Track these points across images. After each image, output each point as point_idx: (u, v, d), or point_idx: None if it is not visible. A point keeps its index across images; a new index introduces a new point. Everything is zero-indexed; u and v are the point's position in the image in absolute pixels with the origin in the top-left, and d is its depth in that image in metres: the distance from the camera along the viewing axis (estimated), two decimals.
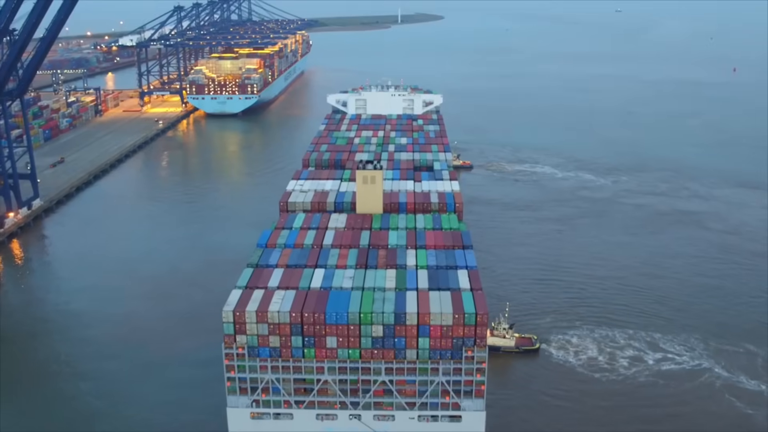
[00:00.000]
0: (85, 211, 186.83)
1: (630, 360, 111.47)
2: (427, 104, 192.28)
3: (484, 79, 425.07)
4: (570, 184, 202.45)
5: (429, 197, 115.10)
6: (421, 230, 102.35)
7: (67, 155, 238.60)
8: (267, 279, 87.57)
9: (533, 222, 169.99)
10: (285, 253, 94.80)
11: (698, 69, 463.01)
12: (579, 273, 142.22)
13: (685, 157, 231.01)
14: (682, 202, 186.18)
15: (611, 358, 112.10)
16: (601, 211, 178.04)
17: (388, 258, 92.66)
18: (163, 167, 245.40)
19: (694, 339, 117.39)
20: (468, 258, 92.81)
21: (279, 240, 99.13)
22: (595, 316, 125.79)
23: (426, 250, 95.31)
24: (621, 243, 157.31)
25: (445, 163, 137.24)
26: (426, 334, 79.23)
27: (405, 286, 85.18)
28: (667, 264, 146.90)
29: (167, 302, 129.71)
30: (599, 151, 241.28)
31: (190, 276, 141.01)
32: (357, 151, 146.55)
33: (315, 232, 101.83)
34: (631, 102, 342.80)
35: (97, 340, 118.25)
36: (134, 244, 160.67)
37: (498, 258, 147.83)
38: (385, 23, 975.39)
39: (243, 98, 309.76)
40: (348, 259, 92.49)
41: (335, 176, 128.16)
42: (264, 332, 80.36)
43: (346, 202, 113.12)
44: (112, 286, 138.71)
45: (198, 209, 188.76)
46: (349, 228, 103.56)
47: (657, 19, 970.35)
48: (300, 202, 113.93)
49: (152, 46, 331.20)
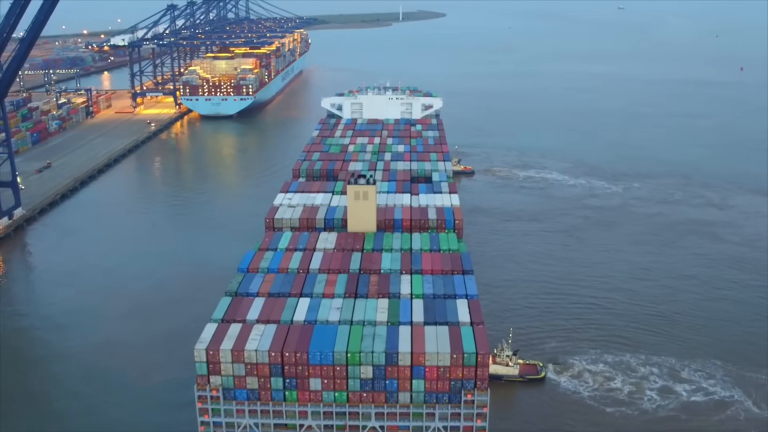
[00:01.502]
0: (68, 220, 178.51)
1: (644, 389, 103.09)
2: (427, 108, 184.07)
3: (486, 78, 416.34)
4: (577, 191, 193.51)
5: (426, 213, 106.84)
6: (417, 252, 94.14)
7: (54, 159, 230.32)
8: (246, 310, 79.37)
9: (538, 234, 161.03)
10: (267, 280, 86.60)
11: (704, 68, 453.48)
12: (587, 290, 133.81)
13: (694, 161, 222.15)
14: (695, 210, 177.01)
15: (624, 387, 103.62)
16: (609, 221, 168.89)
17: (380, 285, 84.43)
18: (153, 173, 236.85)
19: (712, 364, 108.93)
20: (468, 285, 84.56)
21: (262, 263, 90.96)
22: (605, 338, 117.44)
23: (422, 276, 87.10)
24: (631, 257, 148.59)
25: (444, 174, 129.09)
26: (421, 375, 70.92)
27: (398, 319, 76.90)
28: (679, 280, 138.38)
29: (147, 325, 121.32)
30: (605, 154, 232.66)
31: (174, 293, 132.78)
32: (351, 160, 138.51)
33: (302, 254, 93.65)
34: (636, 102, 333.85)
35: (66, 376, 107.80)
36: (117, 257, 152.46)
37: (500, 274, 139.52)
38: (387, 21, 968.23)
39: (238, 99, 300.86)
40: (336, 287, 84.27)
41: (326, 188, 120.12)
42: (241, 373, 72.19)
43: (336, 218, 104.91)
44: (90, 304, 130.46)
45: (187, 219, 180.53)
46: (339, 249, 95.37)
47: (660, 17, 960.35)
48: (287, 218, 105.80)
49: (145, 45, 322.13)
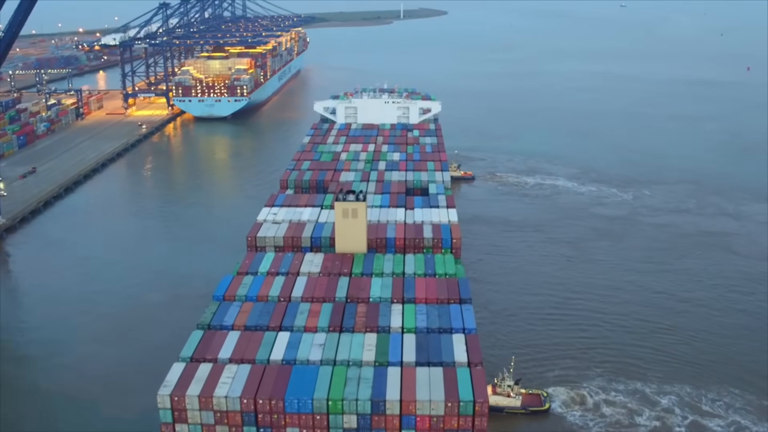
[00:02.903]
0: (50, 230, 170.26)
1: (660, 424, 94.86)
2: (425, 111, 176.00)
3: (488, 78, 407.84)
4: (583, 199, 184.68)
5: (422, 231, 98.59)
6: (411, 277, 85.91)
7: (40, 164, 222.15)
8: (218, 347, 71.23)
9: (541, 245, 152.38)
10: (245, 310, 78.38)
11: (710, 67, 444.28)
12: (593, 308, 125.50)
13: (704, 166, 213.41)
14: (707, 221, 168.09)
15: (636, 420, 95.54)
16: (617, 232, 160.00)
17: (368, 317, 76.20)
18: (141, 178, 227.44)
19: (732, 394, 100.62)
20: (466, 317, 76.30)
21: (240, 290, 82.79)
22: (614, 362, 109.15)
23: (415, 305, 78.90)
24: (639, 271, 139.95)
25: (441, 185, 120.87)
26: (411, 425, 62.86)
27: (387, 359, 68.71)
28: (692, 296, 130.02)
29: (123, 348, 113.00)
30: (611, 159, 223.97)
31: (154, 312, 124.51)
32: (343, 169, 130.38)
33: (284, 278, 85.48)
34: (641, 103, 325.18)
35: (27, 417, 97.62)
36: (98, 271, 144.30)
37: (499, 290, 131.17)
38: (387, 19, 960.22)
39: (232, 101, 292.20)
40: (320, 319, 76.07)
41: (315, 202, 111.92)
42: (210, 421, 64.16)
43: (324, 237, 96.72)
44: (66, 324, 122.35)
45: (174, 229, 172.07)
46: (325, 273, 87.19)
47: (663, 15, 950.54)
48: (271, 237, 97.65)
49: (137, 45, 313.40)
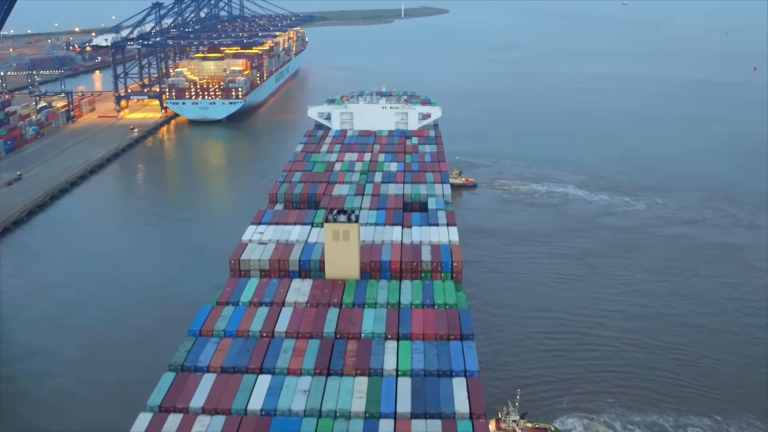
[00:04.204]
0: (32, 242, 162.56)
1: None
2: (424, 117, 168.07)
3: (490, 78, 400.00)
4: (591, 208, 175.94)
5: (420, 253, 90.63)
6: (407, 308, 78.08)
7: (27, 170, 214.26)
8: (191, 393, 63.49)
9: (547, 260, 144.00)
10: (222, 347, 70.59)
11: (715, 67, 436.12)
12: (604, 331, 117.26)
13: (715, 173, 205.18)
14: (722, 232, 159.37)
15: None
16: (628, 245, 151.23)
17: (359, 357, 68.40)
18: (129, 187, 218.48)
19: (754, 427, 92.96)
20: (468, 357, 68.45)
21: (218, 323, 74.99)
22: (627, 391, 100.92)
23: (411, 342, 71.14)
24: (654, 292, 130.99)
25: (441, 200, 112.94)
26: None
27: (379, 409, 60.89)
28: (710, 319, 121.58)
29: (99, 378, 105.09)
30: (619, 164, 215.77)
31: (134, 336, 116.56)
32: (336, 181, 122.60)
33: (268, 309, 77.71)
34: (646, 104, 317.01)
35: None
36: (79, 288, 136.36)
37: (503, 311, 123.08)
38: (388, 17, 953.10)
39: (227, 103, 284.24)
40: (305, 359, 68.23)
41: (305, 219, 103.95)
42: None
43: (314, 260, 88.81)
44: (41, 347, 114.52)
45: (161, 242, 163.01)
46: (313, 303, 79.38)
47: (666, 13, 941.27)
48: (255, 260, 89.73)
49: (129, 46, 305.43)
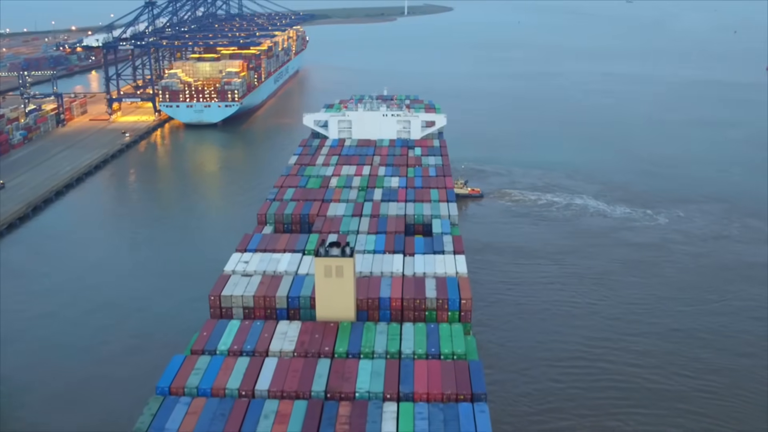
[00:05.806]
0: (10, 258, 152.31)
1: None
2: (428, 125, 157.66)
3: (497, 79, 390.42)
4: (609, 223, 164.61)
5: (423, 288, 79.68)
6: (409, 359, 67.59)
7: (10, 178, 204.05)
8: None
9: (560, 282, 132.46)
10: (193, 410, 60.14)
11: (726, 67, 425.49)
12: (624, 363, 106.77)
13: (735, 183, 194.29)
14: (748, 249, 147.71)
15: None
16: (648, 264, 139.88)
17: (352, 424, 57.79)
18: (117, 197, 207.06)
19: None
20: (480, 424, 57.63)
21: (191, 379, 64.41)
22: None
23: (413, 405, 60.76)
24: (675, 316, 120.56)
25: (447, 222, 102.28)
26: None
27: None
28: (737, 346, 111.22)
29: (71, 418, 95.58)
30: (635, 172, 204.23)
31: (108, 368, 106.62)
32: (332, 200, 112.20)
33: (248, 361, 67.29)
34: (659, 107, 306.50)
35: None
36: (57, 311, 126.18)
37: (511, 342, 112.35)
38: (391, 15, 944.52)
39: (222, 106, 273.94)
40: (290, 425, 57.88)
41: (296, 245, 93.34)
42: None
43: (303, 297, 78.27)
44: (12, 382, 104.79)
45: (147, 262, 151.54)
46: (301, 352, 68.96)
47: (672, 11, 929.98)
48: (238, 296, 79.16)
49: (121, 46, 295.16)
